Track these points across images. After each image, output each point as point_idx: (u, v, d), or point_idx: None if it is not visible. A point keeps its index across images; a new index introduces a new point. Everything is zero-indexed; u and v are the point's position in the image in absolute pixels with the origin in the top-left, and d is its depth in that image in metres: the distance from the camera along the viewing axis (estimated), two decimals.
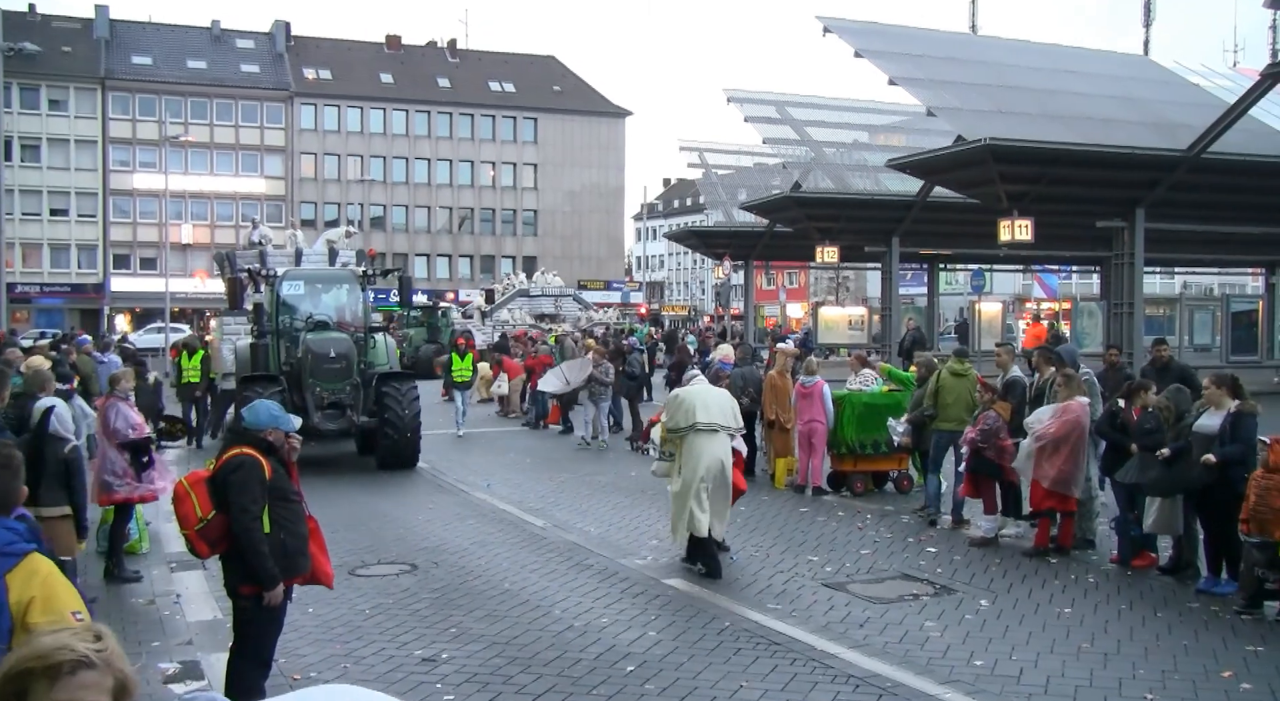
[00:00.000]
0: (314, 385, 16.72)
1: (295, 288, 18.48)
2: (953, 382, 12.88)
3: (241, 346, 20.13)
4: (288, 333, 17.90)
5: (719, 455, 10.30)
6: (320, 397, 16.74)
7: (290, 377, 17.21)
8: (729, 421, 10.50)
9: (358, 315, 18.54)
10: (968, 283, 43.63)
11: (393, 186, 76.75)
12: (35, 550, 3.75)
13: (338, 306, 18.54)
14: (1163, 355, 14.11)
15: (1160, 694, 7.00)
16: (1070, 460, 10.55)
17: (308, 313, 18.06)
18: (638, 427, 20.00)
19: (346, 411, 16.94)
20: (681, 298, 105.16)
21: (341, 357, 16.84)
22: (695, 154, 48.52)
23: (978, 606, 9.09)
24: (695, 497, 10.15)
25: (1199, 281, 60.46)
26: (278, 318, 18.12)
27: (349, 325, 18.10)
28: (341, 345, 17.00)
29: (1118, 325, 24.06)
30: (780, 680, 7.28)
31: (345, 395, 16.91)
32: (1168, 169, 22.47)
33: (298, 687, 7.28)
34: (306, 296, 18.46)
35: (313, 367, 16.72)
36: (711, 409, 10.37)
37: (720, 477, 10.26)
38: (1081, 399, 10.80)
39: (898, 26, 29.98)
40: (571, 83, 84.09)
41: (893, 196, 32.38)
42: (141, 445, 10.45)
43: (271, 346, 18.14)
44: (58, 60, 64.96)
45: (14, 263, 62.09)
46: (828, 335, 40.48)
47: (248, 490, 6.00)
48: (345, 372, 16.88)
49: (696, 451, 10.27)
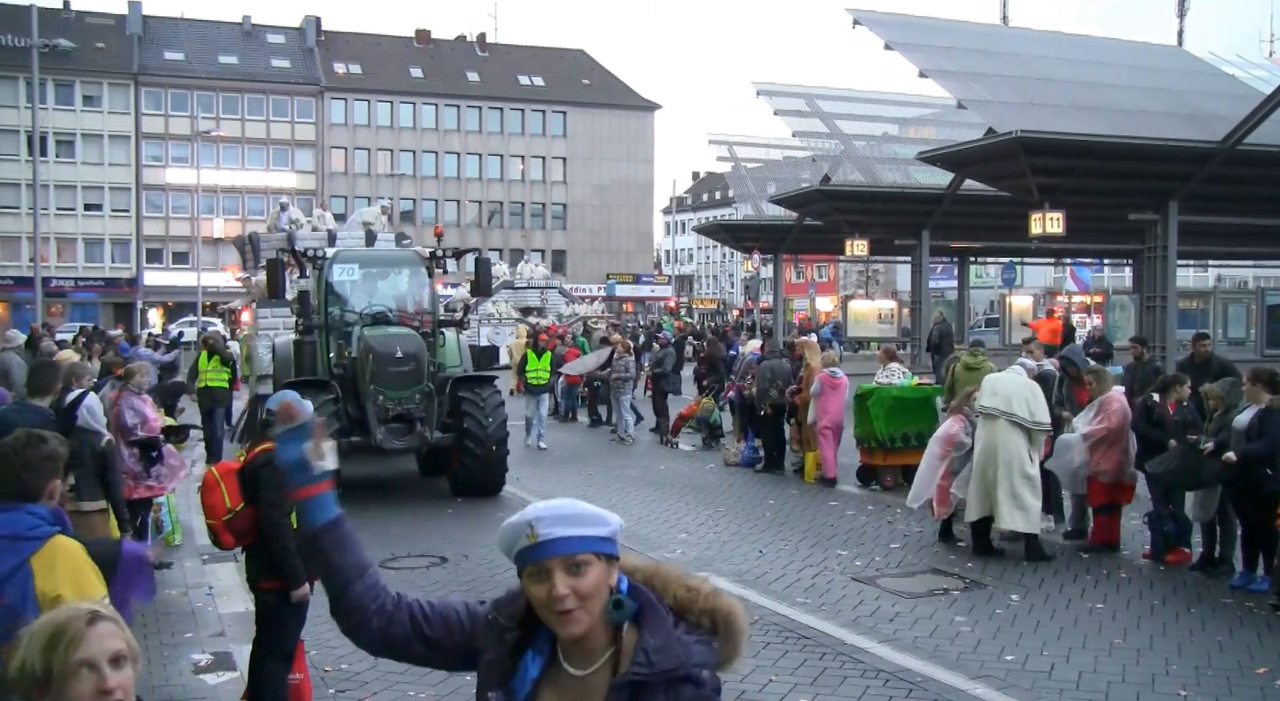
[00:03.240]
0: (376, 393, 13.62)
1: (348, 272, 15.35)
2: (967, 376, 12.90)
3: (282, 344, 16.73)
4: (338, 327, 14.88)
5: (1013, 446, 10.37)
6: (384, 409, 13.67)
7: (344, 383, 14.13)
8: (1025, 412, 10.47)
9: (423, 305, 15.46)
10: (999, 276, 43.43)
11: (422, 180, 76.98)
12: (59, 533, 3.79)
13: (398, 295, 15.60)
14: (1204, 350, 13.99)
15: (1194, 690, 6.94)
16: (1126, 451, 10.53)
17: (363, 303, 15.11)
18: (665, 422, 20.01)
19: (416, 425, 13.80)
20: (711, 291, 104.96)
21: (410, 358, 13.72)
22: (724, 147, 48.51)
23: (1008, 601, 9.04)
24: (978, 485, 10.46)
25: (1233, 274, 59.87)
26: (326, 309, 14.94)
27: (411, 318, 15.05)
28: (410, 342, 13.90)
29: (1150, 319, 23.88)
30: (809, 674, 7.27)
31: (415, 405, 13.79)
32: (1201, 161, 22.26)
33: (329, 679, 7.30)
34: (362, 283, 15.43)
35: (375, 371, 13.62)
36: (1013, 400, 10.48)
37: (1009, 467, 10.32)
38: (1118, 389, 10.76)
39: (928, 18, 29.84)
40: (600, 76, 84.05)
41: (923, 189, 32.26)
42: (151, 442, 10.48)
43: (319, 344, 14.95)
44: (91, 56, 65.45)
45: (49, 257, 62.66)
46: (857, 328, 40.42)
47: (277, 485, 6.02)
48: (415, 377, 13.77)
49: (991, 438, 10.46)
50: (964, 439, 10.93)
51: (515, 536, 2.35)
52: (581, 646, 2.35)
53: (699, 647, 2.34)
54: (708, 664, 2.34)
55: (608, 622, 2.35)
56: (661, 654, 2.28)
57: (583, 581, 2.29)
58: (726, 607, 2.44)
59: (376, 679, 7.26)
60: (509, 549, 2.37)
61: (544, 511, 2.35)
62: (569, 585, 2.27)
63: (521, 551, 2.33)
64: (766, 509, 13.33)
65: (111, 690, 2.24)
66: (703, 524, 12.51)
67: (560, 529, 2.31)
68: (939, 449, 11.10)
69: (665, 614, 2.37)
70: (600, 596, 2.32)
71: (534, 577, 2.32)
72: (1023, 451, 10.41)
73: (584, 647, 2.35)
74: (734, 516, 12.92)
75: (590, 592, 2.29)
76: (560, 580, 2.28)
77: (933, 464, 11.12)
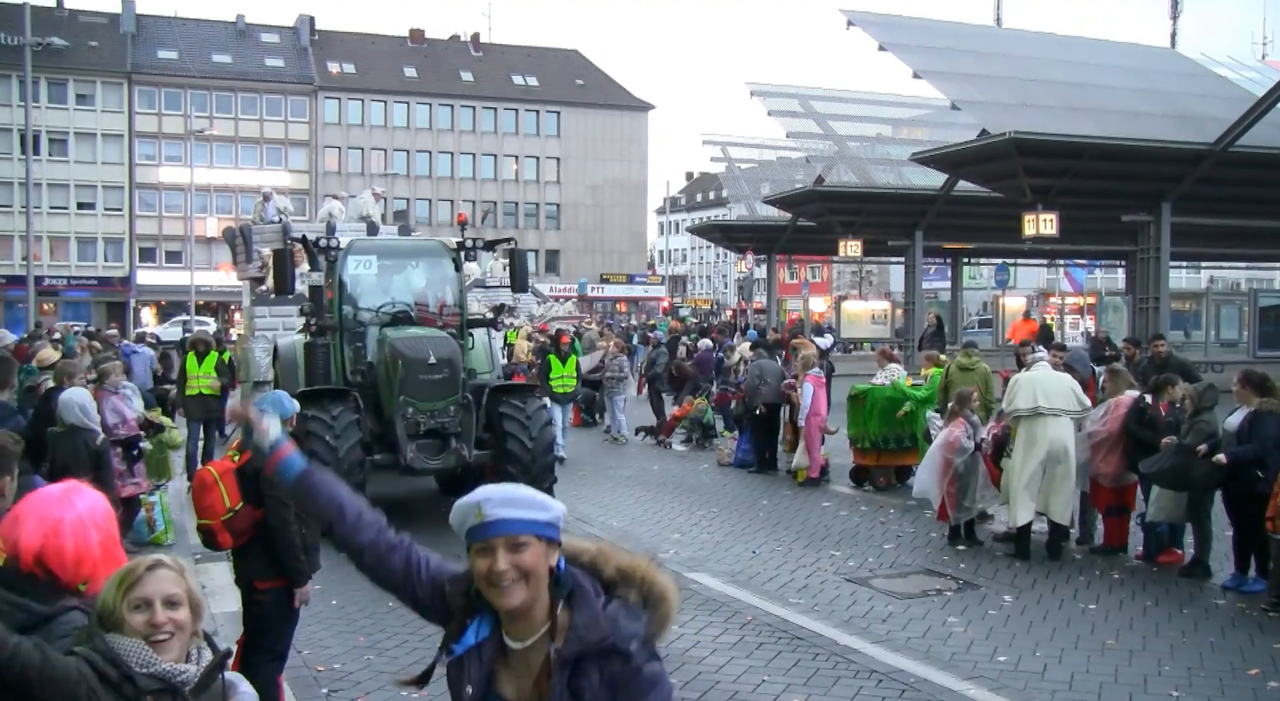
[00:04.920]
0: (405, 405, 11.71)
1: (364, 265, 13.39)
2: (961, 377, 12.97)
3: (286, 346, 14.54)
4: (351, 328, 13.01)
5: (1061, 439, 10.44)
6: (414, 423, 11.78)
7: (363, 391, 12.29)
8: (1071, 405, 10.58)
9: (448, 303, 13.59)
10: (992, 277, 43.47)
11: (416, 180, 76.91)
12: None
13: (417, 291, 13.74)
14: (1160, 351, 14.11)
15: (1186, 691, 6.96)
16: (1126, 454, 10.48)
17: (380, 300, 13.22)
18: (661, 422, 20.02)
19: (451, 441, 11.92)
20: (704, 291, 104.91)
21: (444, 364, 11.84)
22: (718, 148, 48.54)
23: (1001, 602, 9.06)
24: (1024, 487, 10.43)
25: (1226, 276, 59.98)
26: (341, 307, 12.98)
27: (433, 317, 13.25)
28: (443, 346, 12.04)
29: (1143, 320, 23.91)
30: (803, 675, 7.28)
31: (449, 419, 11.92)
32: (1194, 162, 22.31)
33: (322, 679, 7.30)
34: (379, 277, 13.57)
35: (405, 379, 11.69)
36: (1053, 395, 10.50)
37: (1063, 460, 10.41)
38: (1131, 393, 10.77)
39: (922, 19, 29.88)
40: (594, 76, 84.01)
41: (916, 190, 32.29)
42: (132, 440, 10.48)
43: (334, 347, 12.88)
44: (85, 55, 65.30)
45: (41, 256, 62.45)
46: (851, 329, 40.39)
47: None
48: (449, 386, 11.91)
49: (1037, 436, 10.45)
50: (966, 443, 10.92)
51: (465, 516, 2.61)
52: (520, 622, 2.59)
53: (627, 621, 2.56)
54: (636, 636, 2.56)
55: (546, 601, 2.58)
56: (588, 628, 2.53)
57: (522, 558, 2.53)
58: (657, 582, 2.64)
59: (370, 678, 7.26)
60: (459, 527, 2.62)
61: (492, 493, 2.61)
62: (509, 561, 2.53)
63: (470, 529, 2.59)
64: (760, 509, 13.34)
65: (160, 624, 2.68)
66: (696, 524, 12.52)
67: (505, 510, 2.56)
68: (943, 455, 11.07)
69: (594, 594, 2.59)
70: (538, 575, 2.55)
71: (480, 554, 2.56)
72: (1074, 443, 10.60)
73: (523, 624, 2.59)
74: (727, 517, 12.93)
75: (529, 569, 2.54)
76: (502, 556, 2.53)
77: (938, 468, 11.09)
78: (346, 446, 11.25)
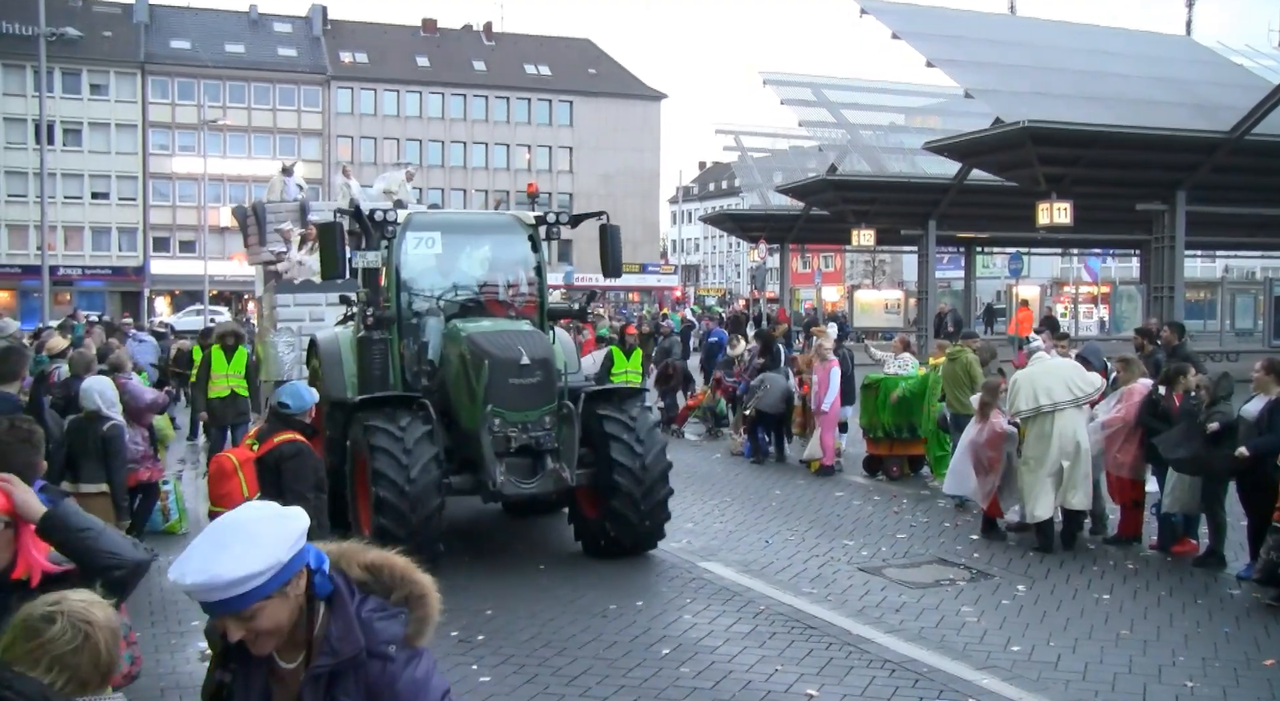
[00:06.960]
0: (492, 416, 9.56)
1: (426, 243, 11.04)
2: (948, 367, 13.09)
3: (329, 339, 11.84)
4: (408, 319, 10.79)
5: (1070, 432, 10.36)
6: (503, 437, 9.63)
7: (432, 397, 10.07)
8: (1074, 393, 10.47)
9: (521, 290, 11.59)
10: (1005, 266, 43.32)
11: (428, 169, 76.79)
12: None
13: (485, 274, 11.59)
14: (1169, 339, 14.04)
15: (1201, 681, 6.94)
16: (1143, 444, 10.43)
17: (443, 285, 11.03)
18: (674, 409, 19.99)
19: (547, 459, 9.79)
20: (717, 281, 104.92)
21: (539, 365, 9.77)
22: (731, 137, 48.36)
23: (1014, 592, 9.04)
24: (1041, 482, 10.36)
25: (1241, 265, 59.65)
26: (398, 294, 10.67)
27: (503, 306, 11.29)
28: (537, 344, 9.96)
29: (1158, 309, 23.82)
30: (816, 664, 7.28)
31: (545, 432, 9.80)
32: (1209, 151, 22.20)
33: None
34: (441, 258, 11.27)
35: (491, 384, 9.55)
36: (1054, 389, 10.41)
37: (1075, 453, 10.33)
38: (1144, 381, 10.71)
39: (936, 8, 29.75)
40: (607, 66, 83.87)
41: (929, 179, 32.17)
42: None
43: (392, 343, 10.65)
44: (98, 45, 65.38)
45: (56, 245, 62.70)
46: (864, 318, 40.34)
47: (305, 478, 5.96)
48: (545, 392, 9.85)
49: (1045, 433, 10.38)
50: (1010, 429, 10.88)
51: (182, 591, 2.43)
52: (284, 648, 2.53)
53: (384, 624, 2.50)
54: (395, 639, 2.49)
55: (304, 622, 2.51)
56: (343, 642, 2.46)
57: (257, 623, 2.43)
58: (416, 580, 2.58)
59: None
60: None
61: (193, 583, 2.37)
62: (244, 629, 2.43)
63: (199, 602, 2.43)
64: (773, 499, 13.34)
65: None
66: (709, 514, 12.52)
67: (216, 594, 2.37)
68: (985, 452, 10.94)
69: (350, 597, 2.51)
70: (280, 625, 2.46)
71: (217, 620, 2.47)
72: (1086, 430, 10.53)
73: (287, 647, 2.53)
74: (740, 506, 12.92)
75: (268, 628, 2.45)
76: (234, 629, 2.43)
77: (974, 465, 11.03)
78: (419, 465, 9.17)
